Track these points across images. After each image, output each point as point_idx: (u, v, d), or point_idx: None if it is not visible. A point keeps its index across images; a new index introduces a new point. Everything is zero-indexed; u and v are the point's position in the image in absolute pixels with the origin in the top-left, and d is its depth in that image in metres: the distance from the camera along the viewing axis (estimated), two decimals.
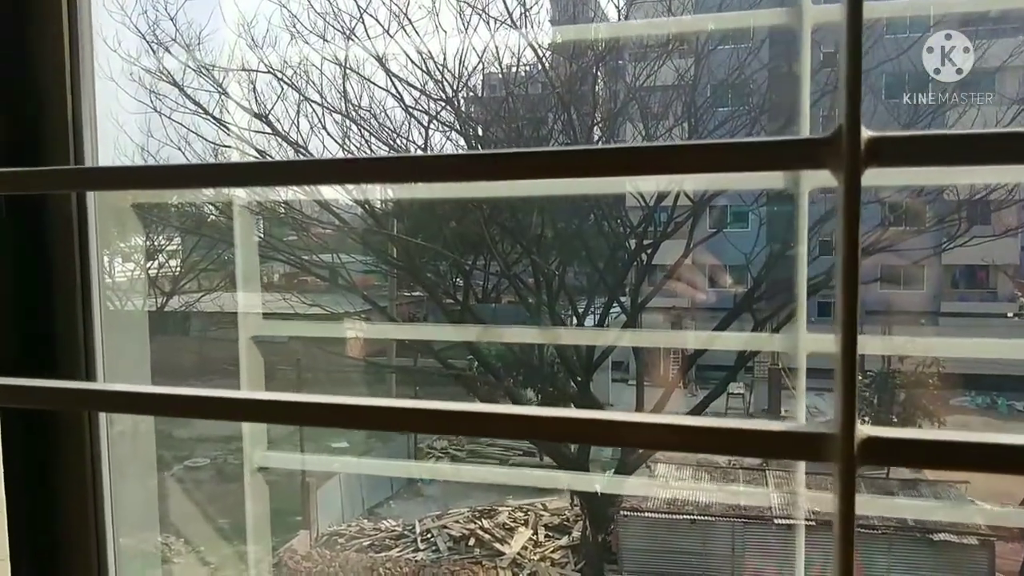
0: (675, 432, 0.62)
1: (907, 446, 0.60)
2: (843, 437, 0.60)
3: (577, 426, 0.64)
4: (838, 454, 0.60)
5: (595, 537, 15.59)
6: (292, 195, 17.04)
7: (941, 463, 0.62)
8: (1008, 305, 24.74)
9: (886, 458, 0.61)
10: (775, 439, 0.62)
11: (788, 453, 0.62)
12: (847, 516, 0.60)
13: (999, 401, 24.13)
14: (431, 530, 16.57)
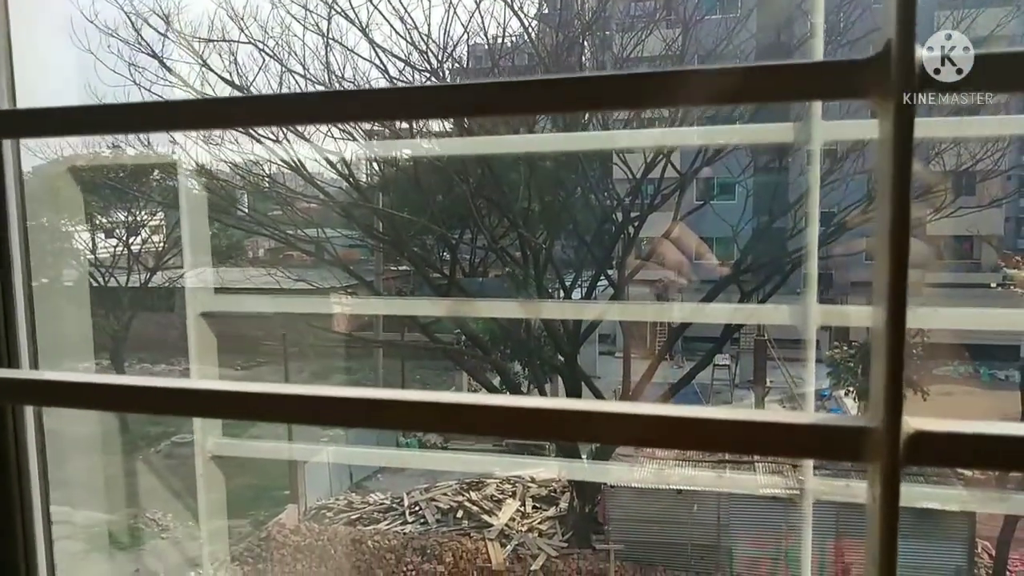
0: (669, 427, 0.51)
1: (966, 443, 0.48)
2: (887, 432, 0.48)
3: (555, 419, 0.54)
4: (881, 452, 0.48)
5: (582, 508, 15.68)
6: (276, 168, 16.83)
7: (1011, 462, 0.49)
8: (992, 276, 24.88)
9: (940, 457, 0.50)
10: (802, 435, 0.50)
11: (818, 452, 0.51)
12: (889, 528, 0.49)
13: (982, 371, 24.37)
14: (419, 503, 16.61)
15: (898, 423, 0.48)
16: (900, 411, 0.48)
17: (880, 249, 0.48)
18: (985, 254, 25.12)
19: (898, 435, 0.49)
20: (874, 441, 0.49)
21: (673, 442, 0.50)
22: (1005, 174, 18.08)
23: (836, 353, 18.03)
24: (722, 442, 0.50)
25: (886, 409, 0.48)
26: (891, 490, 0.49)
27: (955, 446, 0.49)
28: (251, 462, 17.46)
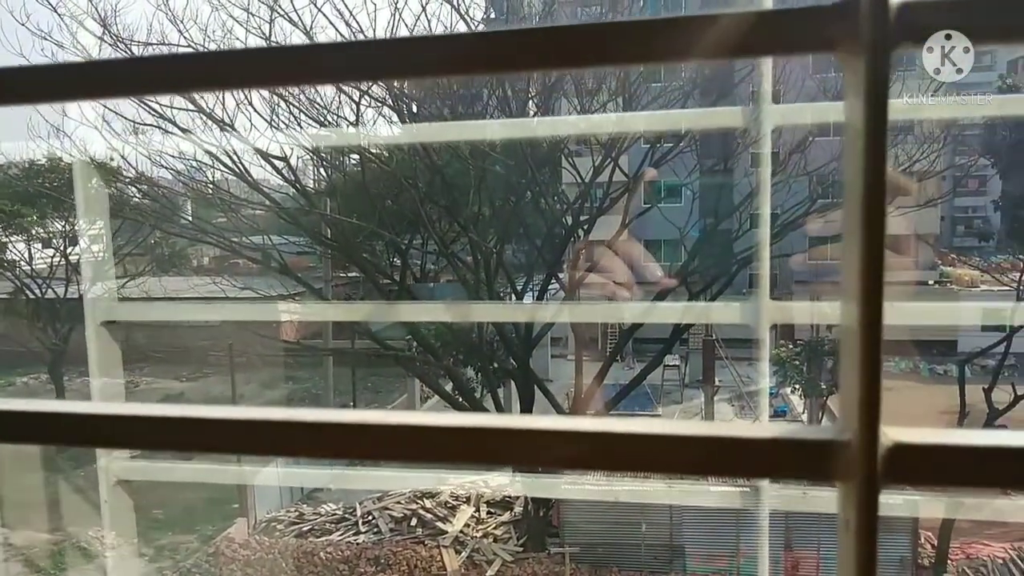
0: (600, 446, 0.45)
1: (957, 456, 0.42)
2: (862, 445, 0.42)
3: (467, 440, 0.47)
4: (855, 469, 0.42)
5: (536, 512, 15.67)
6: (219, 175, 16.48)
7: (1003, 479, 0.42)
8: (930, 273, 25.68)
9: (925, 473, 0.43)
10: (760, 452, 0.43)
11: (781, 471, 0.44)
12: (867, 556, 0.42)
13: (921, 366, 25.11)
14: (372, 512, 16.40)
15: (875, 435, 0.42)
16: (877, 421, 0.42)
17: (850, 239, 0.43)
18: (923, 253, 25.91)
19: (875, 449, 0.42)
20: (847, 456, 0.43)
21: (604, 463, 0.45)
22: (940, 174, 18.66)
23: (782, 351, 18.37)
24: (665, 463, 0.44)
25: (860, 419, 0.43)
26: (868, 512, 0.42)
27: (943, 460, 0.43)
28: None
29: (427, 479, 16.91)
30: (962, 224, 34.90)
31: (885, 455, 0.43)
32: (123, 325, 9.28)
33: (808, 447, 0.43)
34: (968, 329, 22.51)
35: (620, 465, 0.44)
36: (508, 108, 16.12)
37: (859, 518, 0.41)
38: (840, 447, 0.43)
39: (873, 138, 0.41)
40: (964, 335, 22.66)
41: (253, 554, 15.44)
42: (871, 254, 0.41)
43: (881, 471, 0.42)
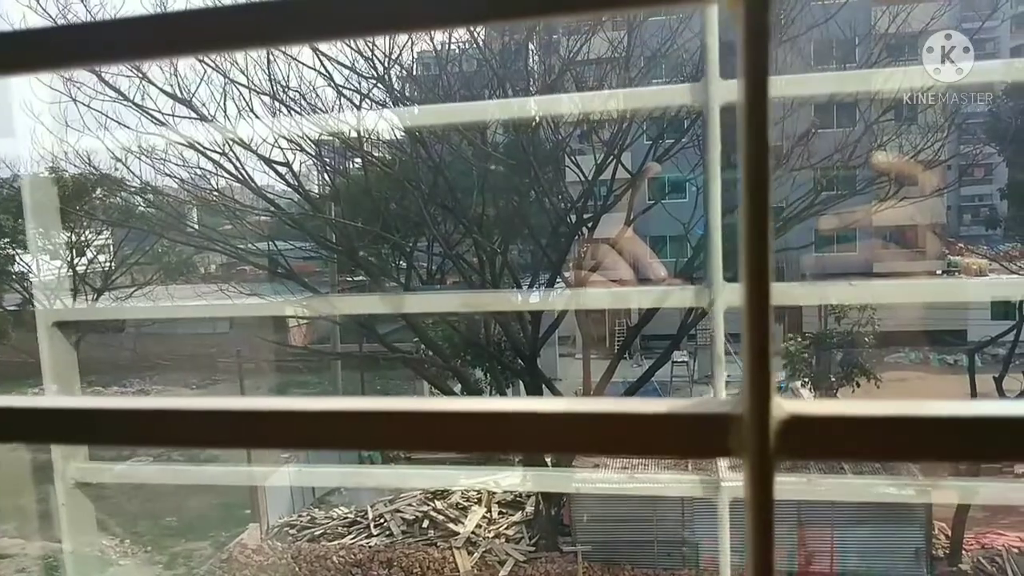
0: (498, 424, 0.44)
1: (852, 427, 0.42)
2: (754, 418, 0.42)
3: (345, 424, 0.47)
4: (748, 443, 0.42)
5: (548, 511, 15.66)
6: (223, 183, 16.53)
7: (902, 451, 0.42)
8: (937, 263, 25.54)
9: (820, 445, 0.43)
10: (654, 428, 0.43)
11: (676, 447, 0.45)
12: (762, 526, 0.42)
13: (932, 356, 24.98)
14: (384, 515, 16.42)
15: (766, 407, 0.42)
16: (768, 394, 0.43)
17: (742, 219, 0.44)
18: (929, 243, 25.76)
19: (767, 421, 0.42)
20: (741, 430, 0.43)
21: (500, 444, 0.45)
22: (945, 163, 18.56)
23: (791, 345, 18.30)
24: (562, 442, 0.44)
25: (751, 392, 0.42)
26: (763, 484, 0.43)
27: (838, 431, 0.42)
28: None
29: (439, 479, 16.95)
30: (969, 213, 34.70)
31: (779, 428, 0.43)
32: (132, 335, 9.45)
33: (703, 421, 0.43)
34: (978, 318, 22.40)
35: (516, 445, 0.44)
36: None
37: (753, 491, 0.41)
38: (734, 421, 0.42)
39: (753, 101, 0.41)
40: (974, 324, 22.54)
41: (266, 559, 15.48)
42: (756, 234, 0.41)
43: (774, 444, 0.42)
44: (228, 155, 14.90)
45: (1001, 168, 22.41)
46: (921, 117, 16.76)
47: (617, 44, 15.93)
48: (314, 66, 14.87)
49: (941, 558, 14.62)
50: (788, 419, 0.43)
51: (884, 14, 16.22)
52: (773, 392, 0.42)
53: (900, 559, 14.11)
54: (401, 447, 0.47)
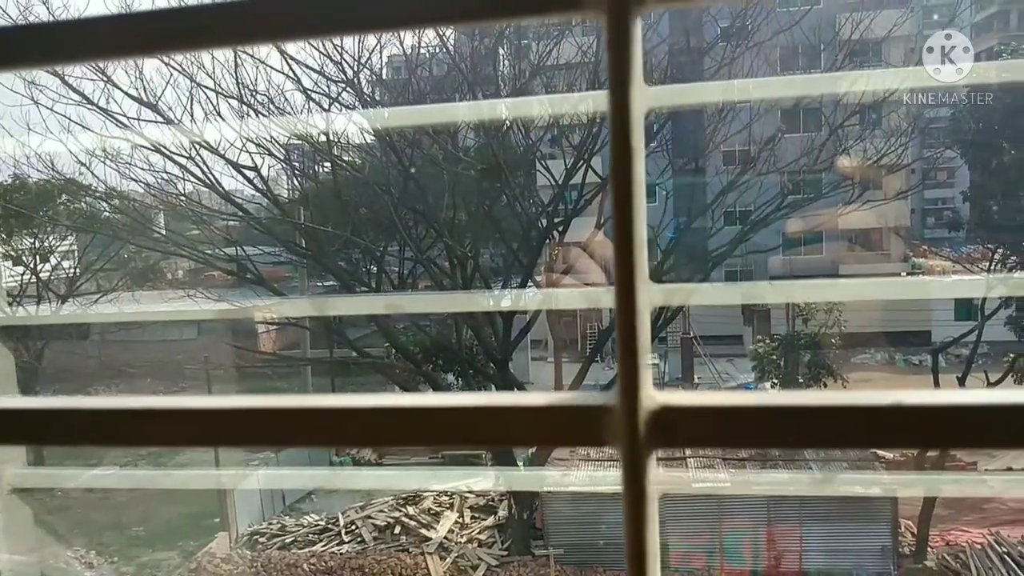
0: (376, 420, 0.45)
1: (721, 416, 0.44)
2: (625, 409, 0.44)
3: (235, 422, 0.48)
4: (619, 433, 0.44)
5: (520, 515, 15.66)
6: (191, 188, 16.35)
7: (770, 438, 0.44)
8: (901, 265, 26.01)
9: (691, 434, 0.45)
10: (533, 419, 0.45)
11: (555, 437, 0.46)
12: (636, 514, 0.44)
13: (896, 357, 25.41)
14: (355, 522, 16.31)
15: (635, 399, 0.44)
16: (637, 385, 0.44)
17: (614, 218, 0.45)
18: (894, 245, 26.21)
19: (636, 412, 0.44)
20: (614, 421, 0.45)
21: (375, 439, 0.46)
22: (909, 167, 18.91)
23: (760, 347, 18.51)
24: (441, 435, 0.45)
25: (622, 385, 0.44)
26: (635, 474, 0.44)
27: (708, 421, 0.44)
28: (178, 490, 16.85)
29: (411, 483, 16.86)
30: (932, 216, 35.38)
31: (650, 418, 0.44)
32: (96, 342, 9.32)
33: (579, 413, 0.44)
34: (942, 319, 22.82)
35: (406, 439, 0.45)
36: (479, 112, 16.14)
37: (627, 478, 0.43)
38: (608, 412, 0.44)
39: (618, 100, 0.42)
40: (938, 325, 22.95)
41: (235, 568, 15.30)
42: (624, 236, 0.43)
43: (645, 433, 0.44)
44: (195, 159, 14.74)
45: (963, 171, 22.87)
46: (885, 121, 17.07)
47: (587, 49, 16.02)
48: (282, 70, 14.78)
49: (907, 555, 14.85)
50: (658, 410, 0.45)
51: (848, 21, 16.50)
52: (643, 385, 0.44)
53: (867, 556, 14.31)
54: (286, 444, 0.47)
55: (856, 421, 0.42)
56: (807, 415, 0.43)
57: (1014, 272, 16.64)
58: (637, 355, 0.44)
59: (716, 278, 17.42)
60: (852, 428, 0.42)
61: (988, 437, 0.42)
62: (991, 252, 17.33)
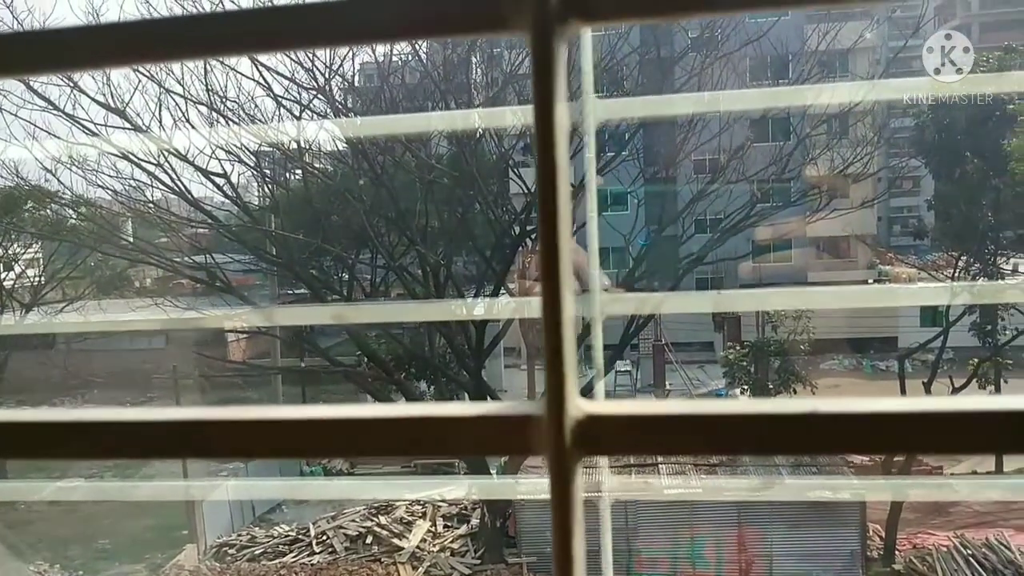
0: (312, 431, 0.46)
1: (646, 425, 0.45)
2: (551, 418, 0.45)
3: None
4: (547, 442, 0.45)
5: (493, 523, 15.62)
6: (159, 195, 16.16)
7: (696, 445, 0.46)
8: (868, 272, 26.43)
9: (617, 442, 0.46)
10: (463, 429, 0.46)
11: (485, 446, 0.47)
12: (563, 521, 0.45)
13: (864, 363, 25.80)
14: (326, 532, 16.16)
15: (561, 408, 0.45)
16: (563, 395, 0.45)
17: (539, 234, 0.46)
18: (861, 253, 26.61)
19: (562, 421, 0.45)
20: (541, 430, 0.46)
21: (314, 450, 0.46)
22: (875, 176, 19.24)
23: (731, 353, 18.68)
24: (376, 445, 0.46)
25: (549, 394, 0.46)
26: (561, 482, 0.45)
27: (634, 429, 0.46)
28: (145, 502, 16.59)
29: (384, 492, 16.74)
30: (898, 224, 36.03)
31: (576, 427, 0.46)
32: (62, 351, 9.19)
33: (508, 422, 0.45)
34: (908, 326, 23.20)
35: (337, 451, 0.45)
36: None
37: (554, 485, 0.44)
38: (536, 421, 0.45)
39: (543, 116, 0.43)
40: (904, 331, 23.34)
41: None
42: (548, 248, 0.44)
43: (571, 442, 0.45)
44: (163, 166, 14.58)
45: (928, 180, 23.34)
46: (851, 131, 17.35)
47: None
48: (253, 76, 14.68)
49: (875, 559, 15.04)
50: (585, 419, 0.46)
51: (815, 32, 16.77)
52: (570, 394, 0.45)
53: (836, 560, 14.45)
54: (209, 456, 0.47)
55: (776, 428, 0.43)
56: (729, 423, 0.44)
57: (977, 279, 16.98)
58: (563, 366, 0.45)
59: (687, 285, 17.59)
60: (772, 435, 0.43)
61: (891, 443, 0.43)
62: (955, 259, 17.67)
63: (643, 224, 17.69)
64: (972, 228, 16.76)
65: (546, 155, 0.44)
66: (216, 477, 17.85)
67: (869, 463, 16.72)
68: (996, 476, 17.33)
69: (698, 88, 15.38)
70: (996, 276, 16.73)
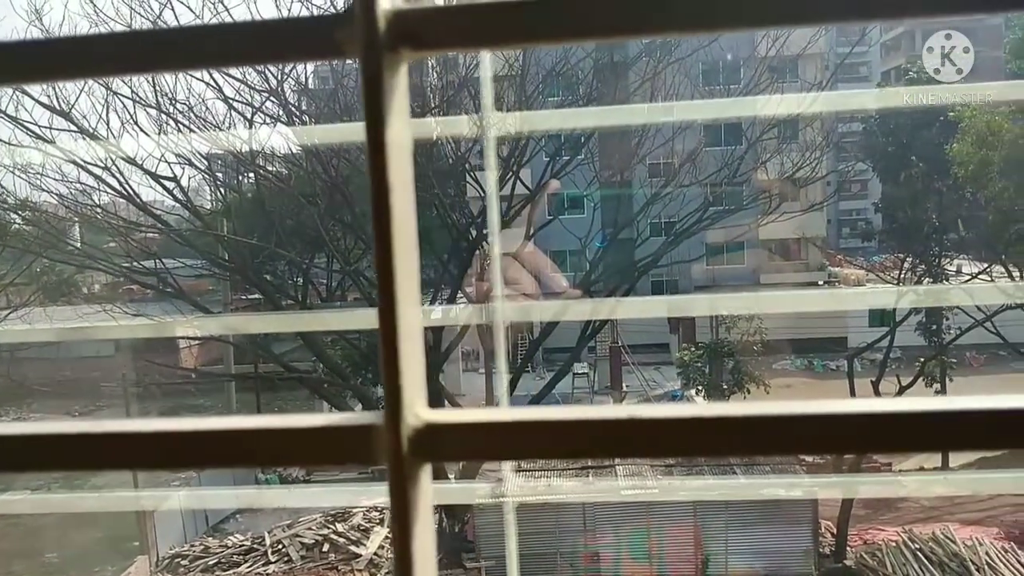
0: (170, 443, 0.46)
1: (484, 432, 0.46)
2: (389, 427, 0.46)
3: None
4: (386, 450, 0.46)
5: (451, 528, 15.57)
6: (107, 199, 15.80)
7: (535, 449, 0.48)
8: (818, 274, 27.00)
9: (456, 450, 0.48)
10: (309, 439, 0.46)
11: (327, 456, 0.48)
12: (402, 527, 0.45)
13: (815, 362, 26.32)
14: (282, 540, 15.93)
15: (399, 417, 0.46)
16: (400, 405, 0.46)
17: (375, 248, 0.47)
18: (811, 255, 27.16)
19: (399, 430, 0.46)
20: (380, 439, 0.47)
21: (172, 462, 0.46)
22: (824, 179, 19.68)
23: (686, 354, 18.93)
24: (217, 457, 0.46)
25: (387, 403, 0.46)
26: (399, 486, 0.46)
27: (472, 436, 0.47)
28: (95, 513, 16.19)
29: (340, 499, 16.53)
30: (847, 226, 36.89)
31: (414, 435, 0.47)
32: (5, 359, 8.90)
33: (350, 432, 0.46)
34: (857, 326, 23.75)
35: (172, 464, 0.45)
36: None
37: (392, 495, 0.46)
38: (376, 431, 0.47)
39: (373, 138, 0.44)
40: (854, 331, 23.88)
41: None
42: (384, 259, 0.45)
43: (409, 450, 0.47)
44: (111, 170, 14.26)
45: (876, 183, 23.94)
46: (801, 135, 17.72)
47: (513, 62, 16.15)
48: (203, 78, 14.44)
49: (827, 555, 15.34)
50: (423, 427, 0.47)
51: (764, 38, 17.09)
52: (411, 404, 0.47)
53: (791, 558, 14.70)
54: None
55: (603, 433, 0.44)
56: (559, 428, 0.46)
57: (923, 280, 17.47)
58: (399, 377, 0.46)
59: (643, 287, 17.76)
60: (602, 439, 0.45)
61: (699, 448, 0.45)
62: (901, 261, 18.14)
63: (599, 227, 17.83)
64: (917, 230, 17.23)
65: (378, 175, 0.45)
66: (168, 487, 17.49)
67: (821, 461, 17.06)
68: (942, 472, 17.82)
69: (651, 93, 15.56)
70: (940, 277, 17.23)
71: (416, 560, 0.44)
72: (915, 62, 20.44)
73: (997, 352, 21.91)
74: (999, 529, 15.40)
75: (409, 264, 0.46)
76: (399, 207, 0.45)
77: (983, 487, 14.03)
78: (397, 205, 0.45)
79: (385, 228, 0.45)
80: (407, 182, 0.46)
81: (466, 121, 16.31)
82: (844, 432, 0.46)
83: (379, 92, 0.46)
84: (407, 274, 0.46)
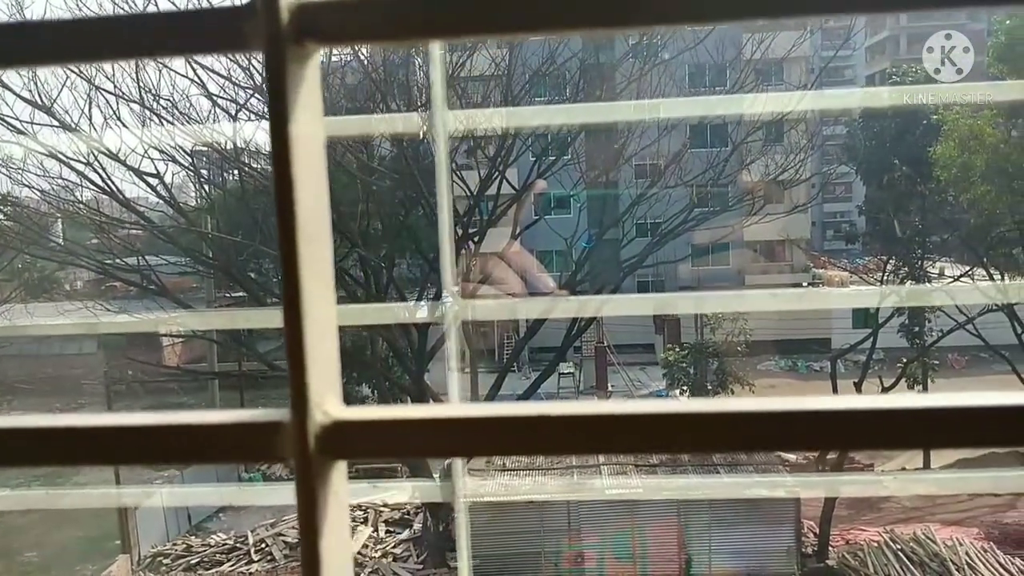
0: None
1: (392, 429, 0.47)
2: (296, 424, 0.46)
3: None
4: (292, 448, 0.46)
5: (436, 527, 15.55)
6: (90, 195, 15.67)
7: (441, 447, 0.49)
8: (803, 275, 27.16)
9: (364, 447, 0.48)
10: (217, 435, 0.47)
11: (236, 453, 0.48)
12: (308, 525, 0.46)
13: (799, 363, 26.48)
14: (265, 540, 15.86)
15: (305, 415, 0.46)
16: (307, 402, 0.47)
17: (280, 247, 0.47)
18: (796, 256, 27.32)
19: (305, 427, 0.46)
20: (287, 437, 0.47)
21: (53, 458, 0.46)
22: (809, 181, 19.79)
23: (671, 355, 19.00)
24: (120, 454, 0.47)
25: (293, 400, 0.47)
26: (305, 484, 0.47)
27: (381, 433, 0.48)
28: (75, 512, 16.05)
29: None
30: (831, 228, 37.14)
31: (322, 432, 0.47)
32: None
33: (256, 430, 0.47)
34: (841, 327, 23.91)
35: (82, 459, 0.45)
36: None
37: (299, 490, 0.47)
38: (283, 428, 0.47)
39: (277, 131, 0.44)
40: (837, 333, 24.04)
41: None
42: (288, 258, 0.45)
43: (316, 447, 0.47)
44: (93, 165, 14.14)
45: (859, 186, 24.11)
46: (785, 137, 17.82)
47: (500, 62, 16.15)
48: (187, 74, 14.35)
49: (810, 555, 15.42)
50: (331, 425, 0.48)
51: (750, 40, 17.18)
52: (320, 402, 0.47)
53: (773, 558, 14.77)
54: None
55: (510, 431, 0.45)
56: (466, 425, 0.47)
57: (905, 282, 17.60)
58: (304, 374, 0.46)
59: (628, 287, 17.80)
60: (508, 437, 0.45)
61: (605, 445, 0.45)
62: (884, 263, 18.27)
63: (585, 227, 17.86)
64: (900, 232, 17.36)
65: (281, 169, 0.46)
66: (151, 484, 17.37)
67: (803, 460, 17.16)
68: (924, 472, 17.97)
69: (637, 94, 15.60)
70: (923, 279, 17.37)
71: (324, 559, 0.45)
72: (899, 66, 20.61)
73: (978, 354, 22.12)
74: (979, 529, 15.56)
75: (318, 260, 0.46)
76: (305, 201, 0.45)
77: (963, 487, 14.16)
78: (303, 200, 0.45)
79: (289, 223, 0.45)
80: (317, 176, 0.47)
81: (452, 118, 16.25)
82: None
83: (283, 85, 0.46)
84: (315, 270, 0.46)
